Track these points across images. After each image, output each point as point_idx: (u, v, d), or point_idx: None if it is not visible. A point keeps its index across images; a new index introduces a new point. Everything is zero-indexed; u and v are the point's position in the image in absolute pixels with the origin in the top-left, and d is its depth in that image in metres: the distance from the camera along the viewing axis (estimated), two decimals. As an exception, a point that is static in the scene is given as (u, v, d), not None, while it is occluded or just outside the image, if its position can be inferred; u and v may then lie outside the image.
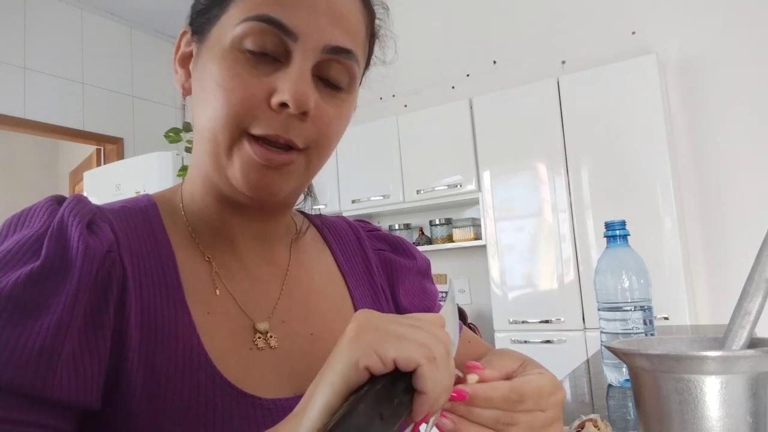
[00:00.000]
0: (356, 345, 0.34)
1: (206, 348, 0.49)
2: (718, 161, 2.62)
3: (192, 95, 0.54)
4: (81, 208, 0.48)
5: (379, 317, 0.37)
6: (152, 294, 0.49)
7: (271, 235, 0.61)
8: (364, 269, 0.69)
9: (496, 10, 3.24)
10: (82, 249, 0.44)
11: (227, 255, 0.56)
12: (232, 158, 0.49)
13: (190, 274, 0.53)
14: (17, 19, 3.43)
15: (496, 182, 2.81)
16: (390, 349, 0.34)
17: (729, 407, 0.36)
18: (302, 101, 0.48)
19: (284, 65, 0.49)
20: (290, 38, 0.48)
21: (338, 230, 0.72)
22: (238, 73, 0.48)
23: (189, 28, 0.54)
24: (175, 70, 0.56)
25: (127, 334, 0.46)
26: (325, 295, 0.62)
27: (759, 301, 0.37)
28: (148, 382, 0.45)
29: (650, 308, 0.91)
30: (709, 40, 2.65)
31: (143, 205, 0.56)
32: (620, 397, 0.87)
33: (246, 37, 0.48)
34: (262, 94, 0.48)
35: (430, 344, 0.35)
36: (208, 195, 0.55)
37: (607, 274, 0.92)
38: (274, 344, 0.54)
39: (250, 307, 0.55)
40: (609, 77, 2.53)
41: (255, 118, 0.48)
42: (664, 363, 0.37)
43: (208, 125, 0.49)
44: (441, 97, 3.31)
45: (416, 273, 0.74)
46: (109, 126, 3.85)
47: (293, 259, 0.62)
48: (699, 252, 2.64)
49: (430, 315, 0.40)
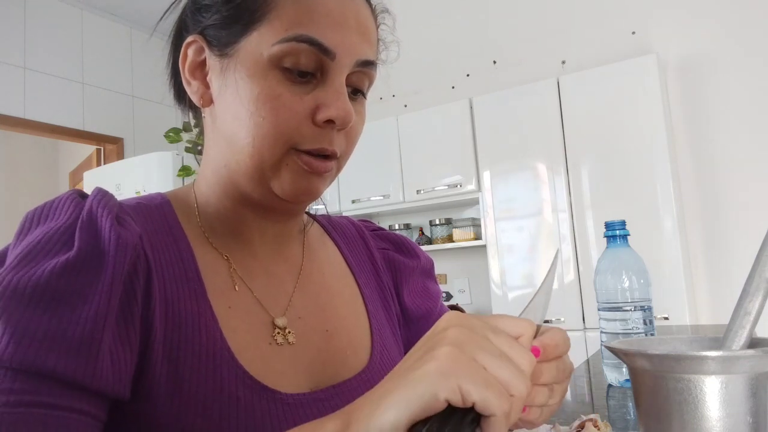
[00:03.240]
0: (445, 377, 0.32)
1: (228, 342, 0.50)
2: (718, 161, 2.62)
3: (216, 106, 0.54)
4: (108, 200, 0.49)
5: (473, 336, 0.35)
6: (174, 287, 0.50)
7: (288, 235, 0.63)
8: (370, 267, 0.70)
9: (496, 10, 3.24)
10: (115, 240, 0.45)
11: (244, 253, 0.58)
12: (280, 172, 0.52)
13: (209, 269, 0.54)
14: (17, 19, 3.44)
15: (496, 182, 2.81)
16: (474, 392, 0.32)
17: (729, 407, 0.36)
18: (347, 119, 0.52)
19: (321, 81, 0.52)
20: (328, 56, 0.50)
21: (344, 229, 0.73)
22: (281, 93, 0.50)
23: (200, 38, 0.54)
24: (186, 81, 0.56)
25: (152, 325, 0.46)
26: (337, 291, 0.64)
27: (759, 301, 0.37)
28: (171, 375, 0.46)
29: (650, 308, 0.91)
30: (709, 40, 2.65)
31: (158, 203, 0.57)
32: (620, 397, 0.87)
33: (285, 56, 0.50)
34: (306, 111, 0.51)
35: (512, 387, 0.34)
36: (228, 198, 0.57)
37: (607, 274, 0.92)
38: (292, 340, 0.55)
39: (268, 303, 0.56)
40: (609, 77, 2.53)
41: (301, 135, 0.51)
42: (664, 363, 0.37)
43: (251, 141, 0.51)
44: (441, 97, 3.31)
45: (420, 273, 0.75)
46: (109, 126, 3.85)
47: (306, 256, 0.64)
48: (699, 252, 2.64)
49: (521, 329, 0.38)
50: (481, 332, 0.36)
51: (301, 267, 0.63)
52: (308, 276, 0.62)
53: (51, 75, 3.58)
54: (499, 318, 0.38)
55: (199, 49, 0.55)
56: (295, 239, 0.64)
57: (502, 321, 0.38)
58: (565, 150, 2.62)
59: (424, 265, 0.76)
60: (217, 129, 0.55)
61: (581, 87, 2.59)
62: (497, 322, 0.38)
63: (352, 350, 0.60)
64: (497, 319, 0.38)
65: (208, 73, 0.54)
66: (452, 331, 0.35)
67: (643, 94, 2.45)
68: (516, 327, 0.38)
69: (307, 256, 0.64)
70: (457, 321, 0.36)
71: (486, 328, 0.36)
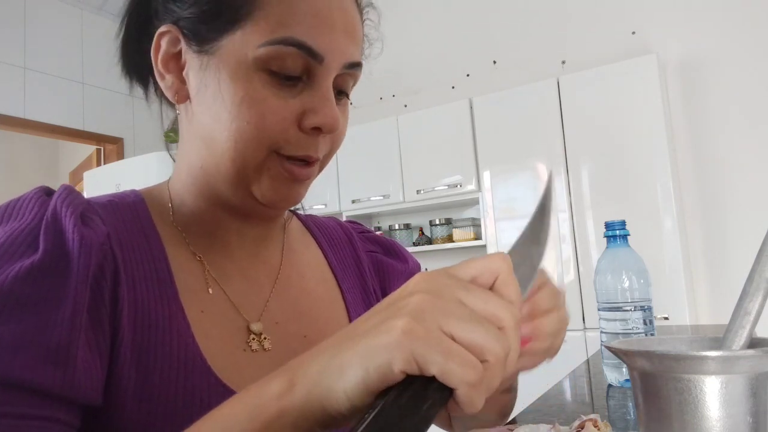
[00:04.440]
0: (400, 348, 0.30)
1: (200, 347, 0.48)
2: (718, 161, 2.62)
3: (194, 105, 0.52)
4: (73, 199, 0.47)
5: (438, 302, 0.32)
6: (144, 289, 0.48)
7: (267, 236, 0.61)
8: (355, 271, 0.68)
9: (496, 10, 3.24)
10: (78, 241, 0.43)
11: (219, 255, 0.56)
12: (261, 176, 0.51)
13: (182, 271, 0.52)
14: (17, 19, 3.44)
15: (496, 182, 2.81)
16: (431, 363, 0.30)
17: (729, 407, 0.36)
18: (335, 126, 0.50)
19: (307, 85, 0.50)
20: (316, 60, 0.49)
21: (329, 231, 0.71)
22: (266, 97, 0.48)
23: (175, 28, 0.51)
24: (159, 74, 0.52)
25: (119, 328, 0.45)
26: (317, 295, 0.62)
27: (759, 300, 0.37)
28: (140, 380, 0.44)
29: (650, 308, 0.91)
30: (709, 40, 2.65)
31: (131, 200, 0.55)
32: (620, 397, 0.87)
33: (271, 59, 0.48)
34: (292, 117, 0.49)
35: (486, 350, 0.31)
36: (204, 199, 0.55)
37: (607, 274, 0.92)
38: (267, 346, 0.53)
39: (244, 307, 0.54)
40: (609, 77, 2.53)
41: (286, 140, 0.49)
42: (663, 363, 0.37)
43: (233, 145, 0.49)
44: (441, 97, 3.31)
45: (407, 276, 0.73)
46: (109, 126, 3.85)
47: (285, 257, 0.62)
48: (699, 252, 2.64)
49: (495, 269, 0.34)
50: (449, 295, 0.32)
51: (280, 269, 0.60)
52: (287, 279, 0.60)
53: (51, 75, 3.58)
54: (470, 265, 0.35)
55: (174, 41, 0.51)
56: (275, 239, 0.62)
57: (473, 267, 0.34)
58: (565, 150, 2.62)
59: (412, 268, 0.74)
60: (194, 128, 0.52)
61: (581, 87, 2.59)
62: (468, 270, 0.34)
63: None
64: (467, 268, 0.34)
65: (184, 68, 0.51)
66: (416, 298, 0.32)
67: (643, 94, 2.45)
68: (490, 269, 0.34)
69: (286, 257, 0.62)
70: (424, 285, 0.33)
71: (456, 287, 0.33)
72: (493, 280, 0.34)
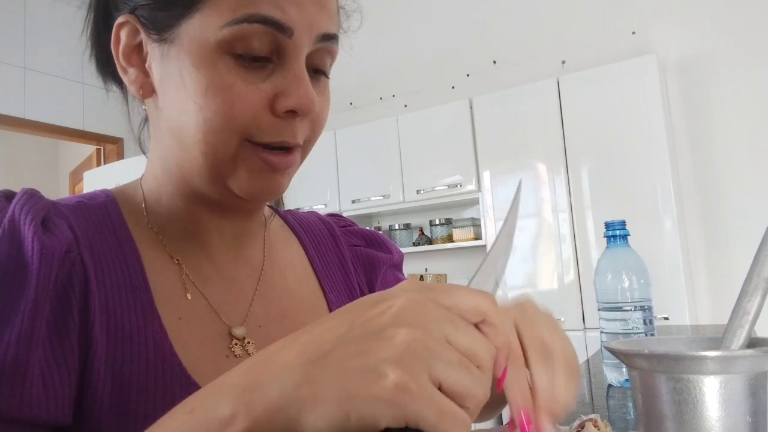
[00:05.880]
0: (392, 406, 0.27)
1: (180, 357, 0.45)
2: (718, 161, 2.62)
3: (159, 98, 0.48)
4: (33, 204, 0.43)
5: (429, 341, 0.29)
6: (117, 297, 0.45)
7: (248, 232, 0.58)
8: (339, 267, 0.66)
9: (496, 10, 3.24)
10: (38, 249, 0.40)
11: (198, 257, 0.53)
12: (237, 168, 0.47)
13: (158, 275, 0.49)
14: (17, 19, 3.44)
15: (496, 182, 2.81)
16: (423, 424, 0.27)
17: (728, 407, 0.36)
18: (310, 107, 0.46)
19: (278, 65, 0.46)
20: (285, 34, 0.44)
21: (311, 227, 0.68)
22: (233, 83, 0.44)
23: (132, 18, 0.47)
24: (121, 68, 0.49)
25: (92, 340, 0.42)
26: (300, 296, 0.59)
27: (757, 300, 0.37)
28: (116, 395, 0.42)
29: (650, 308, 0.91)
30: (709, 40, 2.65)
31: (102, 201, 0.51)
32: (620, 397, 0.87)
33: (236, 41, 0.44)
34: (263, 102, 0.45)
35: (468, 398, 0.29)
36: (180, 197, 0.52)
37: (607, 274, 0.92)
38: (252, 351, 0.51)
39: (225, 311, 0.52)
40: (609, 77, 2.53)
41: (258, 127, 0.46)
42: (662, 363, 0.37)
43: (202, 138, 0.45)
44: (441, 97, 3.31)
45: (391, 266, 0.72)
46: (109, 126, 3.85)
47: (267, 257, 0.59)
48: (699, 252, 2.64)
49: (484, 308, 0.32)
50: (437, 331, 0.30)
51: (262, 270, 0.57)
52: (269, 280, 0.57)
53: (51, 75, 3.58)
54: (459, 295, 0.32)
55: (134, 31, 0.47)
56: (256, 237, 0.59)
57: (462, 300, 0.32)
58: (565, 150, 2.62)
59: (396, 259, 0.73)
60: (163, 123, 0.49)
61: (581, 87, 2.59)
62: (457, 301, 0.32)
63: None
64: (456, 298, 0.32)
65: (146, 59, 0.48)
66: (404, 335, 0.29)
67: (643, 94, 2.45)
68: (477, 309, 0.32)
69: (268, 257, 0.59)
70: (412, 317, 0.30)
71: (443, 320, 0.30)
72: (479, 320, 0.32)
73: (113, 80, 0.55)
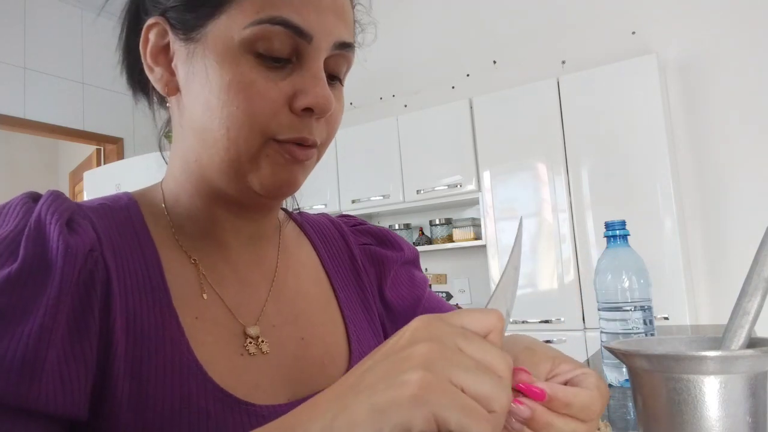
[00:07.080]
0: (419, 407, 0.28)
1: (196, 354, 0.47)
2: (718, 161, 2.62)
3: (183, 96, 0.51)
4: (59, 204, 0.45)
5: (445, 351, 0.31)
6: (137, 297, 0.46)
7: (263, 234, 0.60)
8: (350, 268, 0.67)
9: (496, 10, 3.24)
10: (63, 248, 0.42)
11: (215, 257, 0.55)
12: (259, 164, 0.49)
13: (176, 276, 0.51)
14: (17, 19, 3.44)
15: (496, 182, 2.81)
16: (452, 420, 0.28)
17: (728, 407, 0.36)
18: (327, 106, 0.48)
19: (297, 66, 0.48)
20: (304, 39, 0.47)
21: (321, 228, 0.70)
22: (254, 80, 0.47)
23: (162, 20, 0.50)
24: (148, 67, 0.51)
25: (112, 339, 0.43)
26: (312, 297, 0.61)
27: (757, 300, 0.37)
28: (135, 392, 0.43)
29: (650, 308, 0.91)
30: (709, 40, 2.65)
31: (123, 203, 0.53)
32: (620, 397, 0.87)
33: (258, 40, 0.46)
34: (282, 99, 0.48)
35: (493, 401, 0.30)
36: (199, 196, 0.53)
37: (607, 274, 0.92)
38: (266, 349, 0.52)
39: (240, 311, 0.53)
40: (609, 77, 2.53)
41: (279, 124, 0.48)
42: (662, 363, 0.37)
43: (225, 133, 0.47)
44: (441, 97, 3.31)
45: (404, 263, 0.72)
46: (109, 126, 3.85)
47: (281, 259, 0.61)
48: (699, 252, 2.64)
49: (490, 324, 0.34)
50: (452, 343, 0.32)
51: (276, 271, 0.59)
52: (283, 281, 0.59)
53: (51, 75, 3.58)
54: (465, 315, 0.34)
55: (162, 33, 0.50)
56: (271, 240, 0.61)
57: (469, 319, 0.34)
58: (565, 150, 2.62)
59: (408, 255, 0.73)
60: (186, 121, 0.51)
61: (581, 87, 2.59)
62: (464, 320, 0.34)
63: (329, 358, 0.57)
64: (463, 318, 0.34)
65: (173, 59, 0.50)
66: (422, 347, 0.31)
67: (643, 94, 2.45)
68: (484, 323, 0.34)
69: (282, 259, 0.61)
70: (425, 333, 0.32)
71: (456, 335, 0.32)
72: (485, 334, 0.34)
73: (141, 91, 0.58)
